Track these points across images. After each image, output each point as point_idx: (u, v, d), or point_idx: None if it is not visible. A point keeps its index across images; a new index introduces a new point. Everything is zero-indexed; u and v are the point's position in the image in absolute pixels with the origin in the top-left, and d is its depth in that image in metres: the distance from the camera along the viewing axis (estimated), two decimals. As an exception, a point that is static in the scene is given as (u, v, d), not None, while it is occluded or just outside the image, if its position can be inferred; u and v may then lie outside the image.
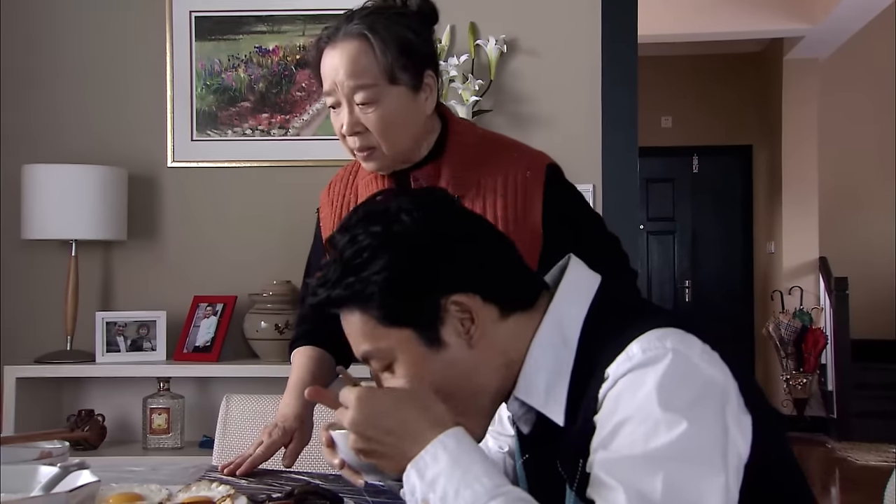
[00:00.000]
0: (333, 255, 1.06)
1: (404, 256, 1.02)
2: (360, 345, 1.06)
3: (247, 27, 3.12)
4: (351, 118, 1.50)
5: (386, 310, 1.03)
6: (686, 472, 0.88)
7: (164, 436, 2.87)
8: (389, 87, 1.48)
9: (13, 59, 3.14)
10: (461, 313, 1.03)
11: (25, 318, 3.09)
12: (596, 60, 3.05)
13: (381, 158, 1.54)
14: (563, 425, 1.02)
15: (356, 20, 1.49)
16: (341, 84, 1.48)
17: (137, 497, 1.26)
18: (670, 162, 7.79)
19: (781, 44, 7.08)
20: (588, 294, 1.07)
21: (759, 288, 7.68)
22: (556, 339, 1.04)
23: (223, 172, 3.11)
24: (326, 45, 1.51)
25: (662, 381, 0.92)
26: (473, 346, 1.04)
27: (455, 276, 1.04)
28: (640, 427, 0.90)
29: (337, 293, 1.04)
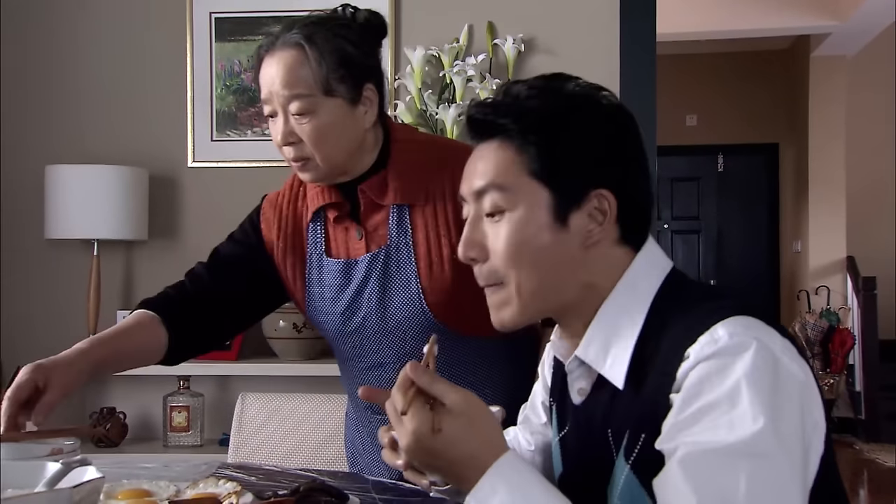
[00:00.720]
0: (507, 97, 1.06)
1: (589, 128, 1.04)
2: (489, 177, 1.05)
3: (266, 28, 3.14)
4: (285, 128, 1.48)
5: (544, 161, 1.03)
6: (769, 469, 0.86)
7: (184, 433, 2.90)
8: (325, 99, 1.46)
9: (37, 61, 3.19)
10: (598, 209, 1.04)
11: (48, 317, 3.13)
12: (614, 60, 3.03)
13: (316, 170, 1.51)
14: (622, 388, 1.02)
15: (296, 29, 1.47)
16: (277, 93, 1.46)
17: (146, 493, 1.28)
18: (695, 160, 7.74)
19: (808, 41, 7.01)
20: (662, 270, 1.07)
21: (785, 287, 7.61)
22: (628, 303, 1.04)
23: (243, 172, 3.13)
24: (266, 53, 1.49)
25: (751, 371, 0.90)
26: (588, 247, 1.04)
27: (614, 179, 1.04)
28: (724, 416, 0.89)
29: (506, 122, 1.05)
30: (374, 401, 1.12)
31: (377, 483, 1.46)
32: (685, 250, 7.84)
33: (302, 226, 1.64)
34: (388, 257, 1.55)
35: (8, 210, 3.16)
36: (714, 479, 0.86)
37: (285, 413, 2.05)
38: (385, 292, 1.55)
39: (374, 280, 1.55)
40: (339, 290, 1.59)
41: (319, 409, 2.07)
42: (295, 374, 2.81)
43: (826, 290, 6.97)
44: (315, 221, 1.62)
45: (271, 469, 1.58)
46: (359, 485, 1.43)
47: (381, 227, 1.56)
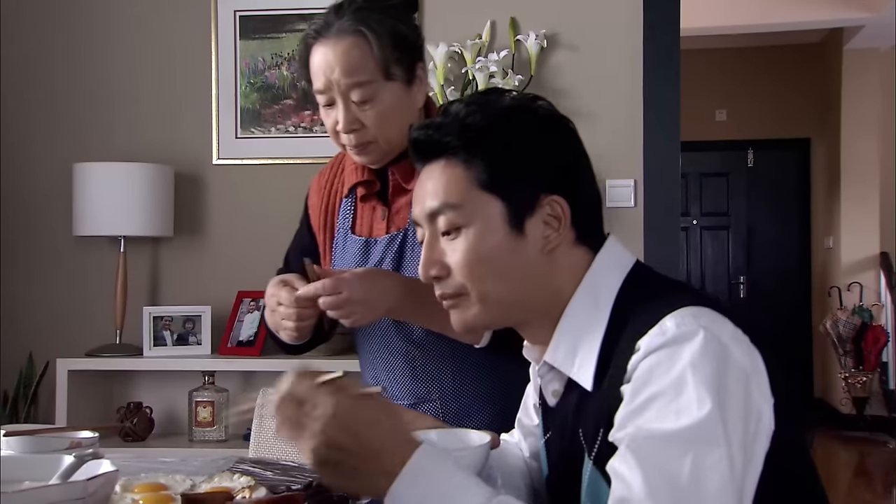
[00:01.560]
0: (446, 117, 1.08)
1: (531, 136, 1.06)
2: (441, 197, 1.07)
3: (290, 25, 3.16)
4: (348, 115, 1.47)
5: (492, 172, 1.05)
6: (714, 454, 0.88)
7: (209, 428, 2.93)
8: (385, 84, 1.46)
9: (64, 60, 3.24)
10: (551, 217, 1.05)
11: (77, 313, 3.18)
12: (637, 54, 3.01)
13: (376, 152, 1.52)
14: (591, 390, 1.03)
15: (347, 15, 1.46)
16: (337, 82, 1.45)
17: (161, 487, 1.29)
18: (725, 156, 7.66)
19: (841, 34, 6.90)
20: (624, 267, 1.09)
21: (816, 284, 7.51)
22: (590, 304, 1.05)
23: (267, 169, 3.16)
24: (316, 41, 1.47)
25: (695, 359, 0.92)
26: (546, 253, 1.06)
27: (562, 183, 1.06)
28: (671, 404, 0.90)
29: (450, 139, 1.07)
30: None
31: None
32: (714, 246, 7.77)
33: (336, 201, 1.66)
34: (405, 240, 1.56)
35: (37, 208, 3.22)
36: (660, 462, 0.88)
37: (304, 408, 2.06)
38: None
39: (389, 261, 1.56)
40: (356, 267, 1.60)
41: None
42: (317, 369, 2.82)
43: (858, 287, 6.87)
44: (348, 197, 1.64)
45: (288, 464, 1.59)
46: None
47: (404, 209, 1.56)
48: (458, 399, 1.56)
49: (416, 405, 1.58)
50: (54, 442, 1.33)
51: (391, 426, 0.95)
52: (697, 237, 7.75)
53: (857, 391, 6.61)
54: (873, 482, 5.36)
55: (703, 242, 7.77)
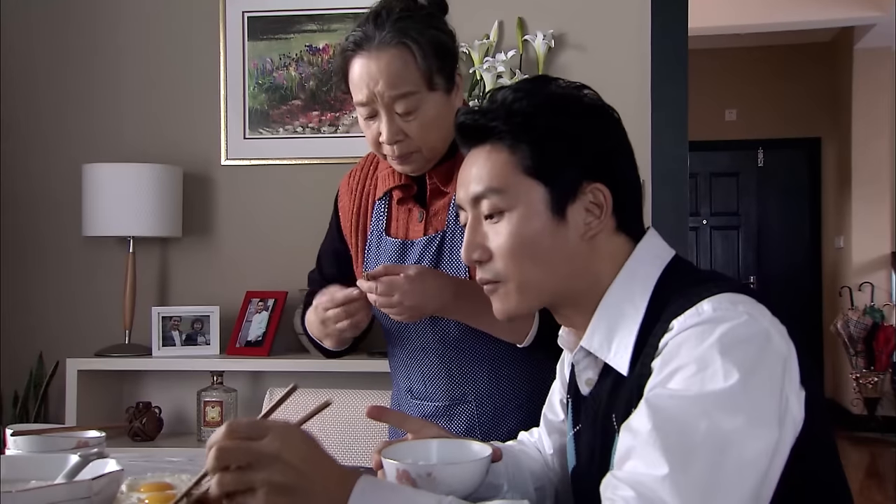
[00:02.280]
0: (492, 104, 1.09)
1: (575, 124, 1.07)
2: (485, 182, 1.08)
3: (298, 26, 3.17)
4: (392, 127, 1.48)
5: (537, 158, 1.06)
6: (734, 421, 0.87)
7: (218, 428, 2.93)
8: (429, 94, 1.47)
9: (73, 61, 3.25)
10: (593, 204, 1.07)
11: (86, 313, 3.19)
12: (645, 55, 3.01)
13: (419, 161, 1.53)
14: (627, 375, 1.03)
15: (388, 26, 1.45)
16: (381, 94, 1.45)
17: (167, 486, 1.30)
18: (735, 155, 7.64)
19: (852, 32, 6.88)
20: (663, 258, 1.10)
21: (827, 284, 7.48)
22: (629, 293, 1.06)
23: (275, 170, 3.16)
24: (357, 53, 1.47)
25: (728, 334, 0.92)
26: (587, 239, 1.07)
27: (605, 171, 1.08)
28: (697, 374, 0.90)
29: (496, 124, 1.08)
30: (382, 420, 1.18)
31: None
32: (724, 246, 7.75)
33: (368, 204, 1.67)
34: (442, 242, 1.56)
35: (46, 208, 3.23)
36: (674, 416, 0.88)
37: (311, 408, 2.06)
38: None
39: (427, 263, 1.56)
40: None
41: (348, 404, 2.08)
42: (326, 369, 2.83)
43: (870, 287, 6.84)
44: (381, 200, 1.65)
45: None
46: (379, 480, 1.44)
47: (442, 212, 1.57)
48: (494, 400, 1.56)
49: (451, 406, 1.58)
50: (61, 441, 1.33)
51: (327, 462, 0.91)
52: (707, 237, 7.73)
53: (869, 392, 6.58)
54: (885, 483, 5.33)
55: (713, 242, 7.75)
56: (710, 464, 0.85)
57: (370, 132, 1.51)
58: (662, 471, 0.84)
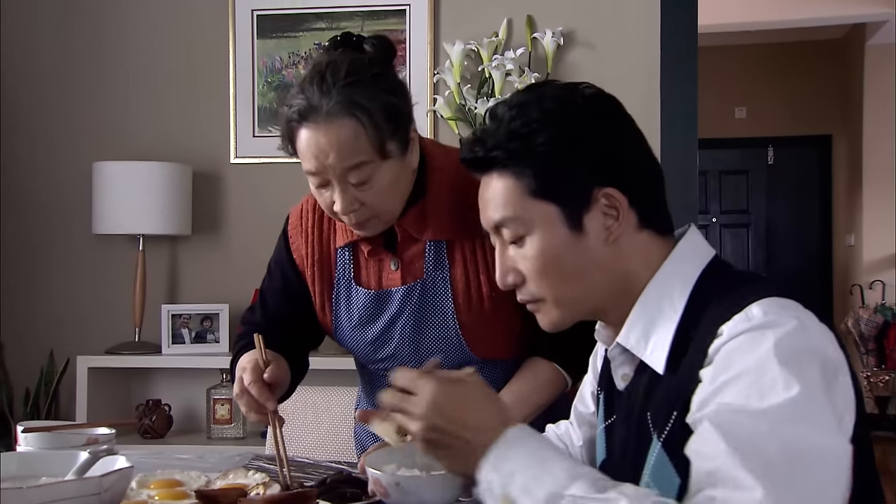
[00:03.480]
0: (494, 123, 1.09)
1: (572, 136, 1.06)
2: (499, 211, 1.08)
3: (306, 24, 3.17)
4: (345, 197, 1.38)
5: (540, 182, 1.06)
6: (804, 431, 0.86)
7: (228, 426, 2.95)
8: (382, 162, 1.38)
9: (83, 60, 3.26)
10: (608, 207, 1.06)
11: (96, 311, 3.21)
12: (655, 52, 3.00)
13: (376, 226, 1.46)
14: (663, 374, 1.03)
15: (334, 94, 1.34)
16: (332, 167, 1.36)
17: (177, 483, 1.30)
18: (745, 153, 7.60)
19: (864, 29, 6.83)
20: (704, 257, 1.09)
21: (838, 282, 7.45)
22: (668, 290, 1.06)
23: (284, 168, 3.16)
24: (301, 124, 1.36)
25: (782, 342, 0.91)
26: (610, 243, 1.07)
27: (613, 171, 1.06)
28: (755, 384, 0.89)
29: (496, 154, 1.08)
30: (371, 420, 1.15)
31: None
32: (734, 244, 7.72)
33: (330, 250, 1.58)
34: (424, 291, 1.51)
35: (57, 206, 3.25)
36: (747, 435, 0.86)
37: (320, 406, 2.07)
38: (420, 325, 1.52)
39: (409, 313, 1.52)
40: (369, 320, 1.55)
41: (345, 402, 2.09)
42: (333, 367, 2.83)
43: (881, 285, 6.80)
44: (344, 248, 1.56)
45: (303, 461, 1.60)
46: (387, 477, 1.44)
47: (418, 259, 1.52)
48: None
49: None
50: (71, 438, 1.34)
51: (483, 408, 0.99)
52: (717, 235, 7.70)
53: (880, 390, 6.54)
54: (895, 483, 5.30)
55: (723, 240, 7.72)
56: (797, 476, 0.84)
57: (323, 200, 1.42)
58: (757, 493, 0.82)
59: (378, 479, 1.14)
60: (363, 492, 1.25)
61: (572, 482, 0.89)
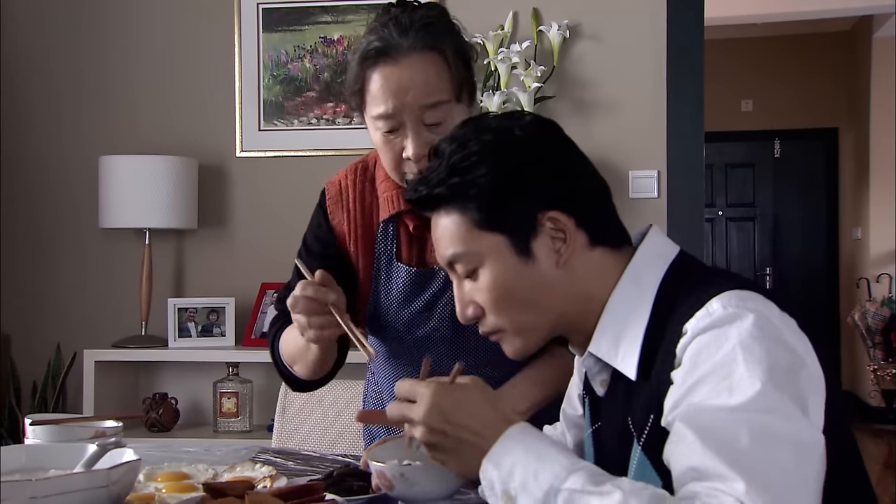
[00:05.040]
0: (437, 159, 1.10)
1: (511, 165, 1.07)
2: (450, 248, 1.10)
3: (312, 18, 3.17)
4: (419, 140, 1.35)
5: (484, 213, 1.07)
6: (772, 420, 0.87)
7: (234, 419, 2.96)
8: (455, 105, 1.38)
9: (90, 54, 3.27)
10: (555, 231, 1.06)
11: (103, 304, 3.22)
12: (661, 45, 2.99)
13: None
14: (635, 380, 1.04)
15: (413, 32, 1.34)
16: (411, 105, 1.34)
17: (184, 476, 1.31)
18: (751, 146, 7.58)
19: (871, 21, 6.81)
20: (667, 257, 1.09)
21: (844, 275, 7.43)
22: (633, 294, 1.06)
23: (289, 161, 3.17)
24: (379, 62, 1.35)
25: (745, 339, 0.92)
26: (561, 266, 1.07)
27: (555, 194, 1.07)
28: (722, 382, 0.90)
29: (439, 191, 1.09)
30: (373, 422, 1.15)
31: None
32: (740, 238, 7.70)
33: (371, 224, 1.55)
34: None
35: (63, 201, 3.26)
36: (717, 429, 0.87)
37: (327, 400, 2.07)
38: None
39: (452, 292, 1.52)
40: (410, 297, 1.52)
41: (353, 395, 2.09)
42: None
43: (888, 278, 6.79)
44: (388, 222, 1.53)
45: (309, 454, 1.60)
46: (393, 470, 1.44)
47: None
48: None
49: None
50: (79, 431, 1.35)
51: (482, 409, 1.01)
52: (723, 228, 7.69)
53: (887, 384, 6.53)
54: (902, 476, 5.30)
55: (729, 234, 7.71)
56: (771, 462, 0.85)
57: (391, 149, 1.38)
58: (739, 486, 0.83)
59: (382, 472, 1.15)
60: (370, 485, 1.25)
61: (569, 476, 0.90)
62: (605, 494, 0.87)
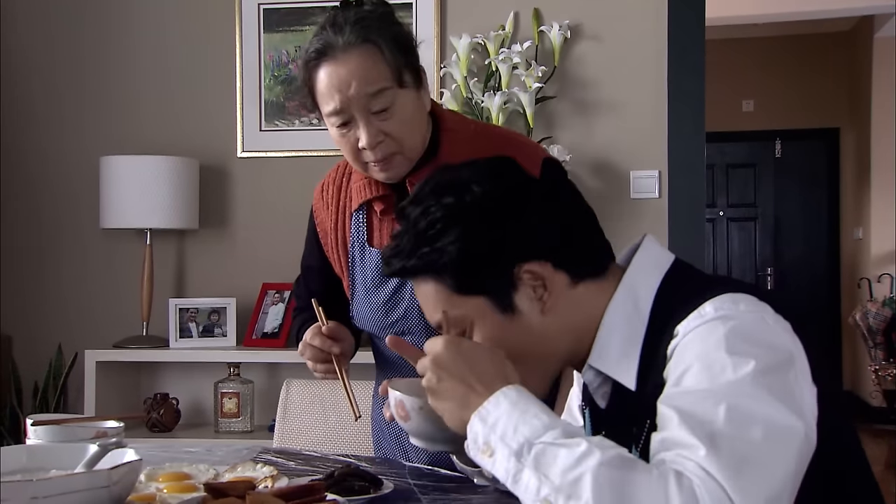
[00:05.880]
0: (405, 225, 1.10)
1: (476, 226, 1.06)
2: (435, 313, 1.10)
3: (313, 18, 3.17)
4: (370, 129, 1.43)
5: (459, 279, 1.06)
6: (753, 402, 0.88)
7: (235, 419, 2.96)
8: (400, 91, 1.44)
9: (91, 55, 3.27)
10: (533, 280, 1.06)
11: (104, 305, 3.22)
12: (662, 44, 2.99)
13: (401, 164, 1.48)
14: (635, 390, 1.04)
15: (347, 29, 1.41)
16: (355, 97, 1.41)
17: (185, 476, 1.31)
18: (752, 146, 7.58)
19: (872, 21, 6.80)
20: (662, 267, 1.09)
21: (845, 276, 7.43)
22: (630, 307, 1.06)
23: (291, 162, 3.17)
24: (321, 61, 1.42)
25: (732, 331, 0.93)
26: (546, 312, 1.07)
27: (526, 245, 1.07)
28: (705, 370, 0.92)
29: (412, 263, 1.08)
30: (402, 351, 1.20)
31: (413, 469, 1.48)
32: (741, 238, 7.70)
33: (346, 216, 1.63)
34: None
35: (65, 201, 3.26)
36: (695, 410, 0.88)
37: (328, 400, 2.07)
38: None
39: None
40: (381, 280, 1.58)
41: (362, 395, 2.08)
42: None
43: (889, 278, 6.78)
44: (359, 211, 1.60)
45: (310, 454, 1.61)
46: (395, 470, 1.45)
47: None
48: None
49: None
50: (80, 431, 1.35)
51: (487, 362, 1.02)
52: (724, 229, 7.69)
53: (888, 384, 6.52)
54: (904, 477, 5.29)
55: (730, 234, 7.70)
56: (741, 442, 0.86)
57: (347, 142, 1.46)
58: (701, 452, 0.85)
59: (401, 402, 1.15)
60: (371, 485, 1.26)
61: (546, 432, 0.92)
62: (572, 446, 0.88)
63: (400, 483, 1.34)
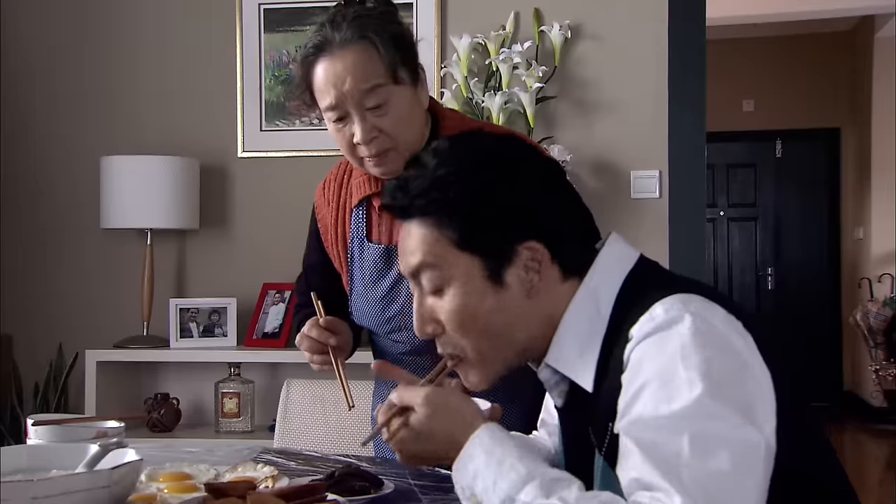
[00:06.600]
0: (418, 169, 1.08)
1: (499, 188, 1.05)
2: (419, 257, 1.07)
3: (314, 18, 3.16)
4: (365, 125, 1.45)
5: (463, 233, 1.05)
6: (714, 427, 0.88)
7: (235, 419, 2.96)
8: (396, 87, 1.46)
9: (91, 55, 3.27)
10: (531, 261, 1.05)
11: (104, 305, 3.22)
12: (663, 45, 2.99)
13: (395, 160, 1.48)
14: (592, 391, 1.04)
15: (345, 26, 1.44)
16: (350, 93, 1.44)
17: (186, 476, 1.31)
18: (753, 146, 7.58)
19: (872, 21, 6.81)
20: (625, 267, 1.08)
21: (846, 275, 7.43)
22: (591, 308, 1.06)
23: (291, 162, 3.17)
24: (318, 57, 1.46)
25: (684, 343, 0.93)
26: (531, 296, 1.06)
27: (536, 226, 1.06)
28: (661, 389, 0.92)
29: (420, 203, 1.06)
30: (387, 376, 1.23)
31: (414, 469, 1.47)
32: (742, 238, 7.70)
33: (346, 212, 1.65)
34: None
35: (65, 201, 3.26)
36: (658, 443, 0.89)
37: (328, 400, 2.08)
38: None
39: None
40: (379, 275, 1.60)
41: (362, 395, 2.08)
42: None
43: (889, 278, 6.79)
44: (359, 207, 1.63)
45: (311, 455, 1.61)
46: (396, 471, 1.44)
47: None
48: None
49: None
50: (81, 431, 1.35)
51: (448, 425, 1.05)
52: (725, 229, 7.69)
53: (889, 384, 6.52)
54: (904, 476, 5.30)
55: (731, 234, 7.70)
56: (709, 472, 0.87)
57: (343, 137, 1.49)
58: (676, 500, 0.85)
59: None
60: (371, 485, 1.26)
61: (524, 486, 0.93)
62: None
63: (400, 483, 1.34)
